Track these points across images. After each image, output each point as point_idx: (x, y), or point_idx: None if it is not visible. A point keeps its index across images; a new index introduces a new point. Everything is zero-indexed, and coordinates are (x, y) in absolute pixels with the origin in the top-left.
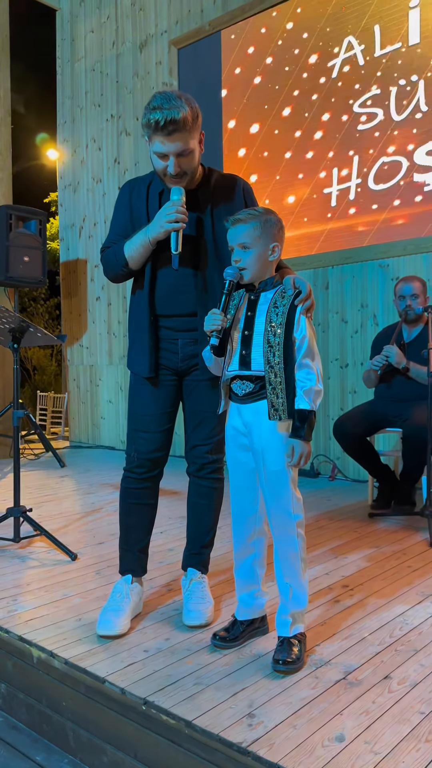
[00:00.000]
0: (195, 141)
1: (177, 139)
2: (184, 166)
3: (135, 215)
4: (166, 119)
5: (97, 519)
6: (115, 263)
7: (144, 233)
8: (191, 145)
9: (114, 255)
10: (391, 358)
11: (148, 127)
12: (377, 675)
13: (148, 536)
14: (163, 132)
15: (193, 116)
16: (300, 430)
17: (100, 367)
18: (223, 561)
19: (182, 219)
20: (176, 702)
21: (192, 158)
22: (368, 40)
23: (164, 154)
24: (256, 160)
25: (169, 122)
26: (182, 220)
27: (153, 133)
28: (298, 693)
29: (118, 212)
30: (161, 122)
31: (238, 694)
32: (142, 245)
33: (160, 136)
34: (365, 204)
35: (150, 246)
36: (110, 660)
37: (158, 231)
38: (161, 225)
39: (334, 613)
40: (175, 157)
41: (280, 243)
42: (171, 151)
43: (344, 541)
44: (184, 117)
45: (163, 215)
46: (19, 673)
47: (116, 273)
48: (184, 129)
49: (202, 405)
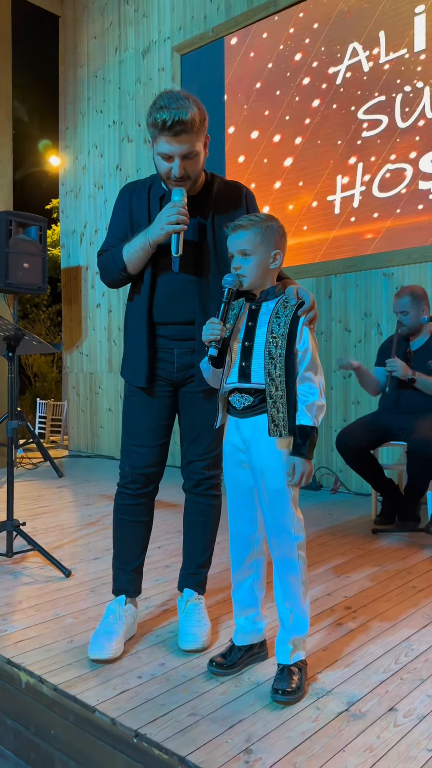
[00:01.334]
0: (201, 144)
1: (183, 140)
2: (188, 169)
3: (135, 219)
4: (173, 119)
5: (94, 532)
6: (113, 267)
7: (144, 236)
8: (197, 147)
9: (112, 259)
10: (396, 372)
11: (154, 127)
12: (382, 706)
13: (143, 555)
14: (169, 132)
15: (200, 118)
16: (301, 448)
17: (100, 374)
18: (221, 579)
19: (183, 221)
20: (169, 735)
21: (197, 161)
22: (373, 46)
23: (169, 156)
24: (256, 167)
25: (176, 122)
26: (183, 222)
27: (159, 133)
28: (298, 726)
29: (117, 215)
30: (168, 122)
31: (235, 726)
32: (142, 248)
33: (166, 136)
34: (369, 212)
35: (150, 249)
36: (101, 687)
37: (159, 233)
38: (161, 227)
39: (336, 638)
40: (181, 159)
41: (282, 250)
42: (176, 152)
43: (347, 559)
44: (192, 118)
45: (163, 216)
46: (7, 698)
47: (114, 278)
48: (191, 130)
49: (198, 418)
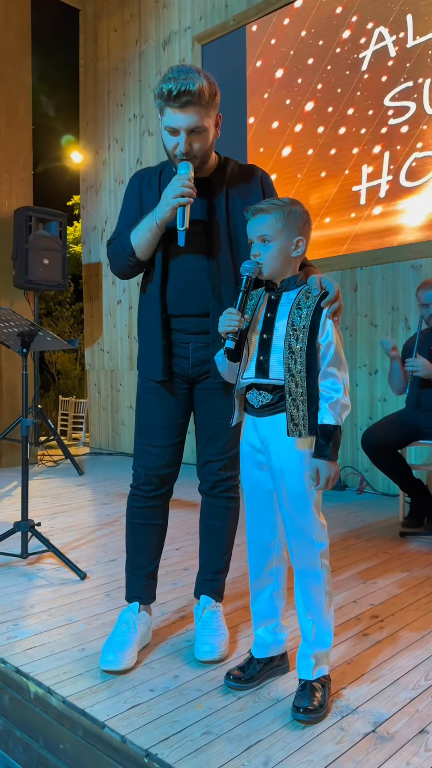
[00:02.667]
0: (210, 120)
1: (190, 111)
2: (195, 146)
3: (145, 205)
4: (180, 89)
5: (111, 533)
6: (122, 254)
7: (151, 217)
8: (205, 123)
9: (121, 245)
10: (419, 372)
11: (160, 97)
12: (412, 728)
13: (157, 560)
14: (175, 102)
15: (210, 92)
16: (324, 449)
17: (120, 371)
18: (240, 584)
19: (189, 194)
20: (182, 756)
21: (205, 138)
22: (400, 30)
23: (175, 129)
24: (277, 158)
25: (183, 92)
26: (189, 195)
27: (165, 103)
28: (321, 749)
29: (127, 203)
30: (174, 91)
31: (253, 747)
32: (150, 230)
33: (172, 107)
34: (396, 202)
35: (158, 231)
36: (112, 700)
37: (165, 209)
38: (167, 202)
39: (362, 649)
40: (187, 134)
41: (305, 237)
42: (182, 124)
43: (373, 564)
44: (200, 89)
45: (169, 191)
46: (16, 708)
47: (122, 265)
48: (200, 103)
49: (214, 416)
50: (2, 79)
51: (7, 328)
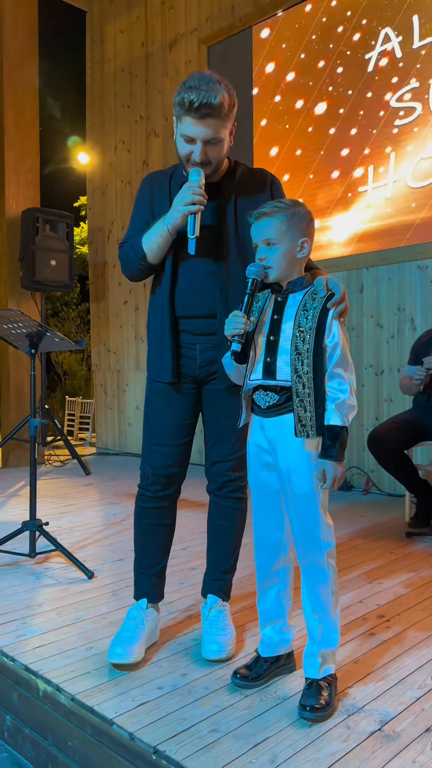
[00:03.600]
0: (226, 131)
1: (209, 124)
2: (210, 155)
3: (156, 209)
4: (201, 101)
5: (118, 532)
6: (133, 257)
7: (162, 222)
8: (222, 134)
9: (132, 249)
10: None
11: (180, 106)
12: (418, 727)
13: (165, 559)
14: (196, 114)
15: (229, 104)
16: (331, 450)
17: (127, 372)
18: (247, 584)
19: (200, 201)
20: (190, 753)
21: (220, 148)
22: (406, 31)
23: (192, 138)
24: (289, 159)
25: (204, 105)
26: (200, 203)
27: (185, 113)
28: (327, 746)
29: (138, 206)
30: (196, 103)
31: (260, 745)
32: (161, 235)
33: (192, 118)
34: (403, 202)
35: (169, 236)
36: (120, 698)
37: (176, 216)
38: (178, 209)
39: (368, 649)
40: (203, 144)
41: (309, 238)
42: (200, 135)
43: (379, 564)
44: (221, 102)
45: (179, 198)
46: (24, 706)
47: (134, 268)
48: (219, 116)
49: (222, 417)
50: (10, 80)
51: (16, 329)
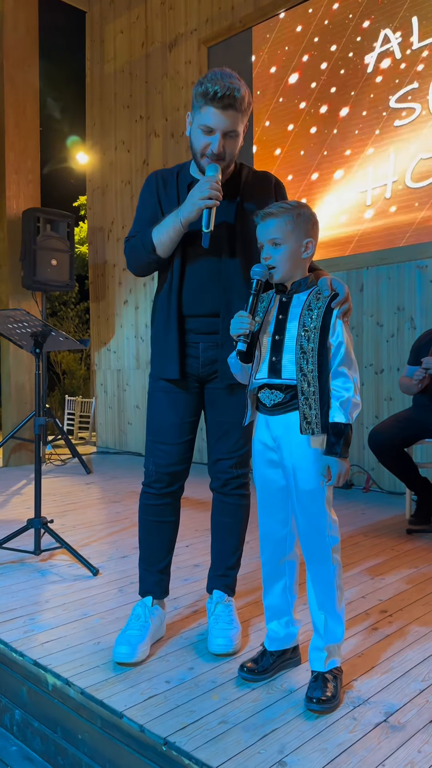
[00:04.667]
0: (242, 127)
1: (230, 116)
2: (227, 149)
3: (164, 206)
4: (225, 93)
5: (122, 530)
6: (142, 250)
7: (175, 215)
8: (239, 128)
9: (141, 242)
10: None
11: (204, 96)
12: (422, 718)
13: (170, 556)
14: (219, 104)
15: (248, 100)
16: (336, 447)
17: (127, 371)
18: (251, 580)
19: (216, 196)
20: (199, 744)
21: (235, 143)
22: (406, 32)
23: (211, 129)
24: (290, 159)
25: (227, 96)
26: (216, 197)
27: (207, 102)
28: (334, 737)
29: (144, 202)
30: (219, 93)
31: (268, 736)
32: (173, 228)
33: (215, 107)
34: (403, 202)
35: (181, 229)
36: (129, 691)
37: (191, 210)
38: (193, 203)
39: (372, 643)
40: (222, 136)
41: (314, 239)
42: (221, 126)
43: (381, 560)
44: (243, 96)
45: (196, 192)
46: (33, 700)
47: (141, 262)
48: (240, 109)
49: (224, 415)
50: (10, 80)
51: (21, 328)
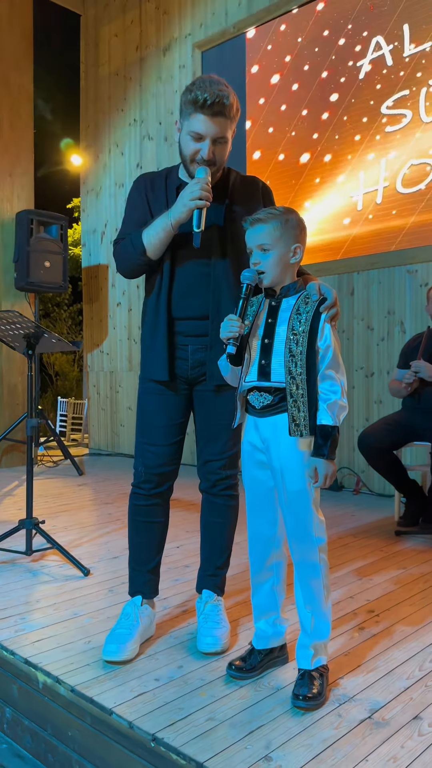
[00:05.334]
0: (231, 133)
1: (219, 122)
2: (216, 155)
3: (154, 208)
4: (215, 100)
5: (113, 531)
6: (132, 252)
7: (165, 217)
8: (228, 134)
9: (131, 244)
10: (421, 373)
11: (193, 104)
12: (406, 714)
13: (159, 555)
14: (208, 111)
15: (236, 107)
16: (323, 448)
17: (120, 373)
18: (240, 580)
19: (206, 197)
20: (187, 740)
21: (224, 149)
22: (397, 39)
23: (201, 136)
24: (279, 163)
25: (216, 103)
26: (206, 198)
27: (197, 110)
28: (319, 733)
29: (133, 204)
30: (209, 101)
31: (255, 732)
32: (163, 229)
33: (205, 114)
34: (392, 208)
35: (171, 230)
36: (119, 689)
37: (182, 210)
38: (184, 203)
39: (358, 642)
40: (211, 142)
41: (302, 244)
42: (210, 132)
43: (369, 561)
44: (231, 103)
45: (186, 193)
46: (24, 698)
47: (132, 264)
48: (228, 116)
49: (213, 417)
50: (4, 83)
51: (14, 330)
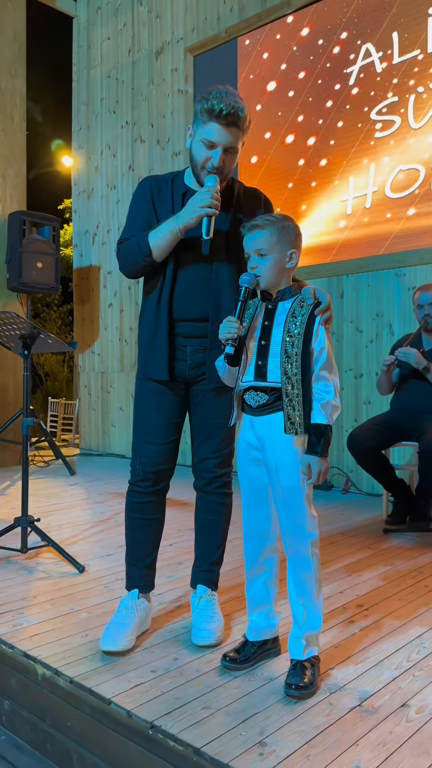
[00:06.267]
0: (241, 144)
1: (232, 132)
2: (226, 163)
3: (160, 212)
4: (230, 111)
5: (106, 529)
6: (138, 253)
7: (174, 221)
8: (238, 145)
9: (137, 245)
10: (410, 358)
11: (209, 113)
12: (394, 703)
13: (155, 551)
14: (224, 121)
15: (249, 121)
16: (316, 446)
17: (111, 374)
18: (234, 576)
19: (216, 205)
20: (184, 727)
21: (234, 159)
22: (386, 47)
23: (214, 144)
24: (269, 168)
25: (231, 114)
26: (216, 207)
27: (212, 119)
28: (311, 720)
29: (138, 205)
30: (225, 111)
31: (249, 720)
32: (171, 233)
33: (219, 123)
34: (381, 212)
35: (179, 234)
36: (116, 680)
37: (191, 216)
38: (194, 210)
39: (348, 635)
40: (223, 151)
41: (297, 250)
42: (223, 141)
43: (358, 558)
44: (246, 116)
45: (196, 200)
46: (23, 691)
47: (136, 264)
48: (241, 127)
49: (209, 417)
50: None
51: (10, 330)
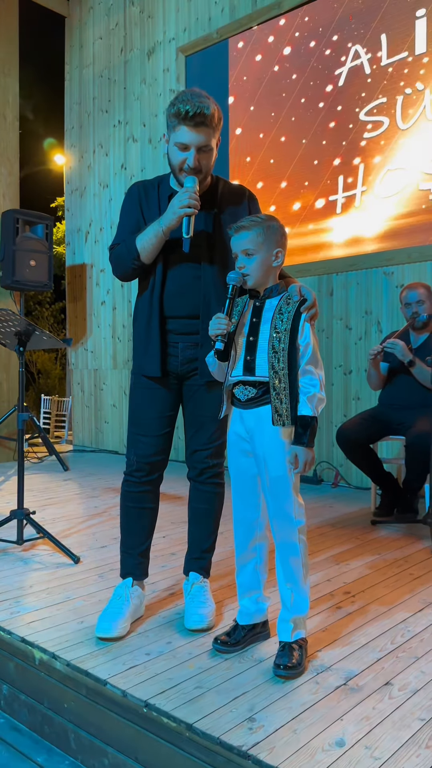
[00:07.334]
0: (215, 141)
1: (202, 132)
2: (202, 162)
3: (147, 216)
4: (196, 111)
5: (100, 523)
6: (127, 257)
7: (157, 224)
8: (211, 143)
9: (126, 249)
10: (397, 350)
11: (176, 117)
12: (377, 681)
13: (149, 540)
14: (191, 122)
15: (218, 116)
16: (303, 437)
17: (104, 371)
18: (225, 565)
19: (195, 205)
20: (177, 705)
21: (210, 156)
22: (375, 48)
23: (186, 146)
24: (262, 167)
25: (198, 114)
26: (195, 206)
27: (180, 122)
28: (298, 698)
29: (127, 211)
30: (191, 112)
31: (239, 698)
32: (155, 235)
33: (187, 125)
34: (370, 211)
35: (163, 236)
36: (112, 663)
37: (172, 218)
38: (174, 211)
39: (335, 620)
40: (196, 151)
41: (283, 249)
42: (194, 142)
43: (346, 548)
44: (212, 113)
45: (176, 202)
46: (20, 675)
47: (127, 268)
48: (210, 125)
49: (201, 410)
50: None
51: (5, 327)
